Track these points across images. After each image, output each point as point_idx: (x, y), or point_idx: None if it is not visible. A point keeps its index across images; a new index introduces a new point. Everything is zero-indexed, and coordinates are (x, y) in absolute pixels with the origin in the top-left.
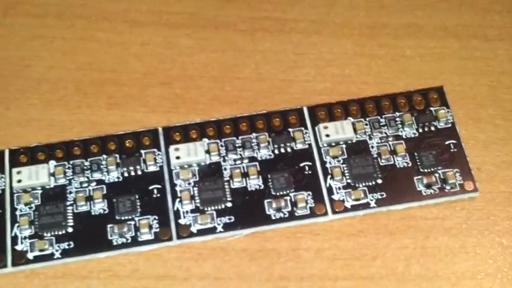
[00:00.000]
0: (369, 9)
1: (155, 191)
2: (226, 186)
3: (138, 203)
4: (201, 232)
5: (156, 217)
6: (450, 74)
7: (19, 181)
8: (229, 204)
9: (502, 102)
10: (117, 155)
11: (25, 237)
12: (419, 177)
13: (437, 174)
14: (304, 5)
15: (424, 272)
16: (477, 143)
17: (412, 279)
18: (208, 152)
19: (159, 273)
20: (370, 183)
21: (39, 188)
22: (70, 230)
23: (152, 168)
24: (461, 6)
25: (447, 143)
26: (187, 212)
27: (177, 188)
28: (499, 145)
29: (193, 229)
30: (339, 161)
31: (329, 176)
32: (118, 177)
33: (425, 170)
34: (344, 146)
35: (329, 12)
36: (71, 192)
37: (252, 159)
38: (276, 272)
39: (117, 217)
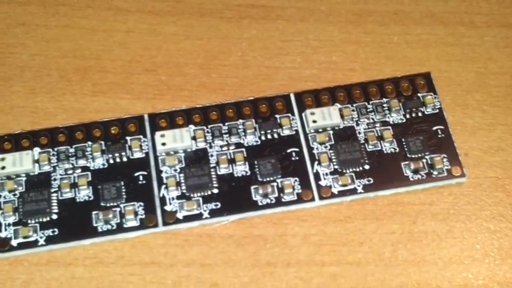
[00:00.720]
0: None
1: (141, 177)
2: (213, 173)
3: (124, 190)
4: (187, 218)
5: (142, 203)
6: (437, 61)
7: (3, 168)
8: (215, 191)
9: (489, 88)
10: (103, 142)
11: (9, 224)
12: (407, 162)
13: (424, 160)
14: None
15: (411, 257)
16: (464, 128)
17: (399, 264)
18: (194, 138)
19: (145, 260)
20: (358, 169)
21: (24, 175)
22: (54, 216)
23: (138, 155)
24: None
25: (434, 128)
26: (173, 198)
27: (163, 175)
28: (486, 131)
29: (179, 215)
30: (326, 147)
31: (316, 162)
32: (103, 164)
33: (413, 156)
34: (331, 132)
35: None
36: (55, 179)
37: (238, 145)
38: (263, 258)
39: (102, 204)
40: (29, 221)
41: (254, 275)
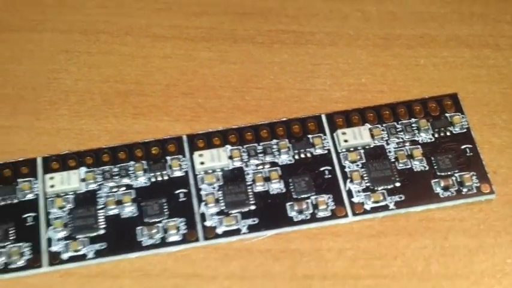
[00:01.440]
0: (381, 21)
1: (181, 195)
2: (249, 190)
3: (166, 206)
4: (227, 233)
5: (183, 219)
6: (463, 82)
7: (52, 186)
8: (252, 207)
9: None
10: (144, 162)
11: (59, 239)
12: (437, 180)
13: (454, 177)
14: (320, 18)
15: (443, 271)
16: (492, 147)
17: (432, 278)
18: (231, 157)
19: (188, 272)
20: (389, 186)
21: (71, 193)
22: (102, 232)
23: (178, 174)
24: (473, 17)
25: (463, 147)
26: (212, 214)
27: (202, 192)
28: None
29: (219, 230)
30: (357, 165)
31: (348, 180)
32: (145, 182)
33: (442, 173)
34: (362, 151)
35: (343, 24)
36: (101, 197)
37: (273, 164)
38: (300, 272)
39: (145, 220)
40: (78, 236)
41: (292, 287)
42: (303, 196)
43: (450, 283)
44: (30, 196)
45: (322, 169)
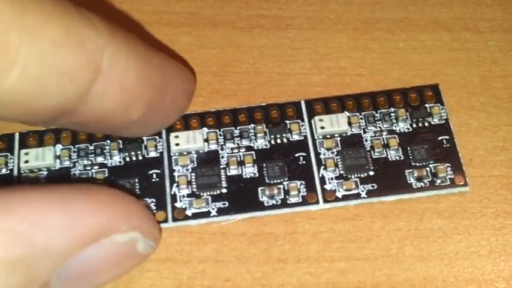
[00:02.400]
0: (362, 5)
1: (154, 175)
2: (223, 173)
3: (137, 186)
4: (196, 215)
5: (154, 200)
6: (442, 65)
7: (26, 162)
8: (224, 190)
9: (493, 90)
10: (120, 141)
11: None
12: (411, 170)
13: (428, 168)
14: (300, 3)
15: (417, 253)
16: (469, 129)
17: (406, 260)
18: (207, 140)
19: (161, 256)
20: (362, 175)
21: (45, 170)
22: None
23: (153, 154)
24: (453, 0)
25: (440, 138)
26: (183, 196)
27: (175, 174)
28: (490, 131)
29: (189, 212)
30: (332, 153)
31: (322, 167)
32: (120, 162)
33: (417, 164)
34: (338, 138)
35: (324, 9)
36: (74, 175)
37: (248, 148)
38: (274, 255)
39: None
40: None
41: (266, 270)
42: (275, 181)
43: (424, 265)
44: (4, 171)
45: (297, 155)
